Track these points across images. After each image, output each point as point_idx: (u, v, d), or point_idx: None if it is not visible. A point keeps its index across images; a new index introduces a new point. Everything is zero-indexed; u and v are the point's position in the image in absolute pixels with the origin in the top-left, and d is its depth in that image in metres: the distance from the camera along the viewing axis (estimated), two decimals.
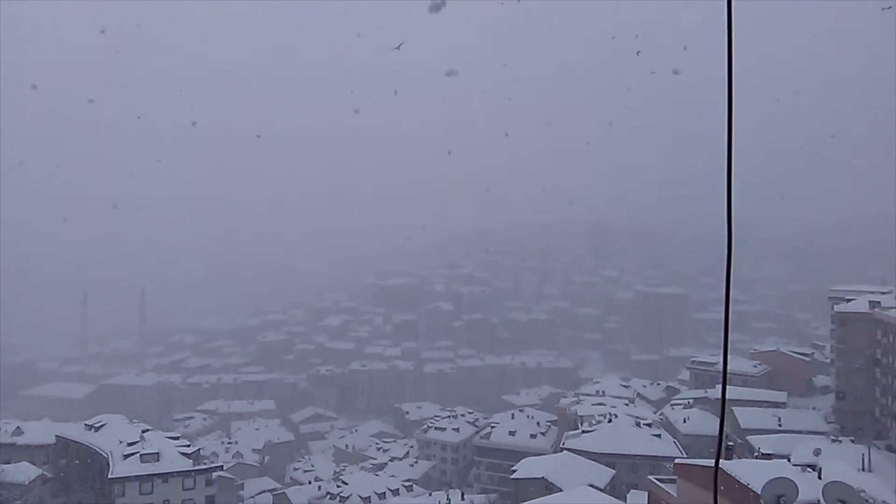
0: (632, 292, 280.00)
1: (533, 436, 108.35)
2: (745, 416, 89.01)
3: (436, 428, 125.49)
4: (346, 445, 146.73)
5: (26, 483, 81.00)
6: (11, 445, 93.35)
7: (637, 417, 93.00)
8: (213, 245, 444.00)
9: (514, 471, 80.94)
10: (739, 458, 66.59)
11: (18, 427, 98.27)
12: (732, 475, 43.54)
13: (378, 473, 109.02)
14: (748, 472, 44.28)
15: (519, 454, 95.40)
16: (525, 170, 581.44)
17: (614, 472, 78.41)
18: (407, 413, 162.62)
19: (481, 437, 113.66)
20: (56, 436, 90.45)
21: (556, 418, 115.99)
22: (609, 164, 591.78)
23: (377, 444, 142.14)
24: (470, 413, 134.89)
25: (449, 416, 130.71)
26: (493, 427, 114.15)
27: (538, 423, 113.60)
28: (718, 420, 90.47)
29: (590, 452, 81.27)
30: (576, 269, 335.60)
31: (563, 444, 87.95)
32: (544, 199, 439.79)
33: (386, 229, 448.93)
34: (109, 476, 73.70)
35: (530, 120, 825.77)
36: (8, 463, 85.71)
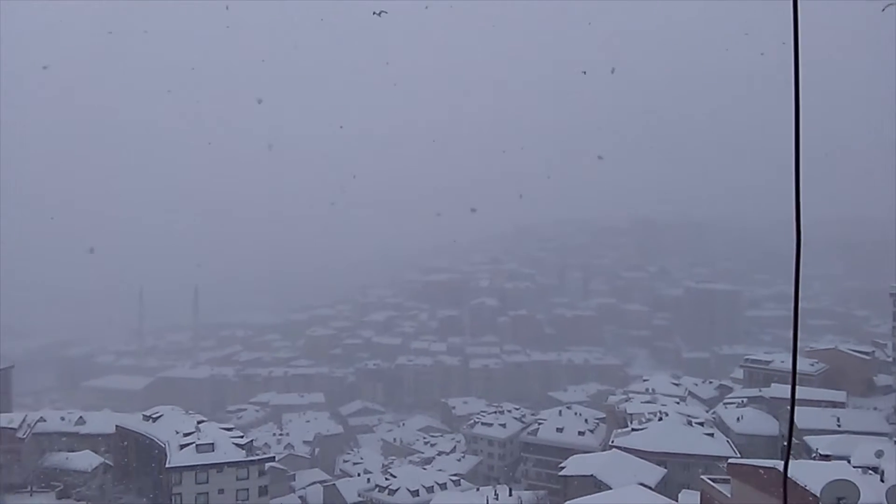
0: (681, 289, 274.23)
1: (581, 433, 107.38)
2: (802, 416, 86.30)
3: (482, 423, 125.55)
4: (394, 439, 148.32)
5: (89, 470, 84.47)
6: (75, 434, 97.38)
7: (689, 416, 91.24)
8: (262, 242, 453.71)
9: (563, 467, 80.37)
10: (796, 458, 64.80)
11: (81, 417, 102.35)
12: (790, 476, 42.40)
13: (426, 467, 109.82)
14: (806, 473, 43.04)
15: (567, 451, 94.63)
16: (567, 167, 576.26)
17: (665, 471, 77.11)
18: (453, 408, 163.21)
19: (528, 434, 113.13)
20: (116, 426, 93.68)
21: (604, 416, 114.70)
22: (653, 159, 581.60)
23: (424, 438, 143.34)
24: (516, 409, 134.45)
25: (495, 412, 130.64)
26: (540, 423, 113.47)
27: (586, 420, 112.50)
28: (776, 420, 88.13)
29: (640, 451, 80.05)
30: (622, 265, 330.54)
31: (612, 441, 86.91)
32: (587, 196, 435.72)
33: (429, 226, 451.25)
34: (167, 465, 76.13)
35: (573, 116, 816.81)
36: (72, 451, 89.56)
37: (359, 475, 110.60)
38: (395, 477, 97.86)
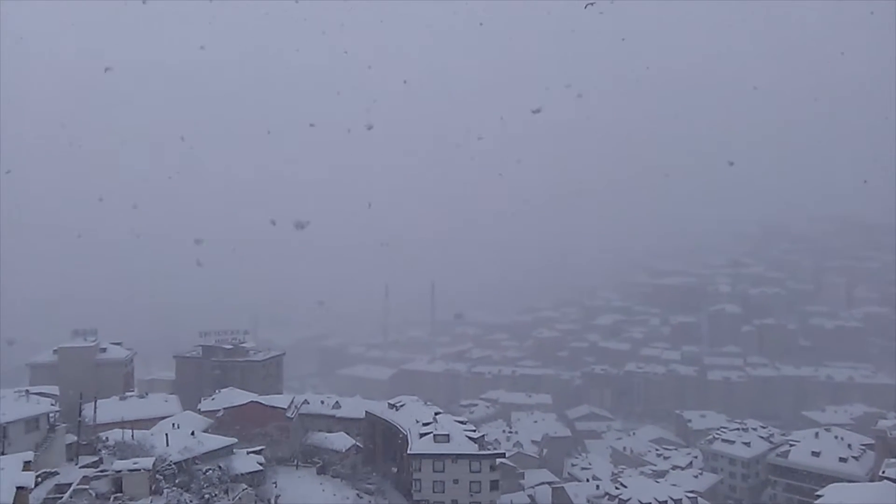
0: None
1: (843, 459, 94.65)
2: None
3: (723, 440, 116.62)
4: (624, 448, 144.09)
5: (343, 451, 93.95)
6: (332, 417, 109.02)
7: None
8: (490, 241, 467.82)
9: (820, 496, 71.15)
10: None
11: (337, 402, 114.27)
12: None
13: (658, 480, 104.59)
14: None
15: (824, 478, 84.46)
16: (822, 157, 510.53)
17: None
18: (689, 421, 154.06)
19: (777, 455, 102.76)
20: (366, 411, 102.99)
21: (871, 442, 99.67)
22: None
23: (657, 449, 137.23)
24: (763, 427, 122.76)
25: (738, 429, 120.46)
26: (791, 445, 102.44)
27: (849, 445, 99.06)
28: None
29: None
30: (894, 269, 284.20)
31: (884, 471, 74.84)
32: (847, 190, 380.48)
33: (658, 226, 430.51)
34: (408, 451, 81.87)
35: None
36: (329, 432, 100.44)
37: (587, 480, 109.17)
38: (625, 487, 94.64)
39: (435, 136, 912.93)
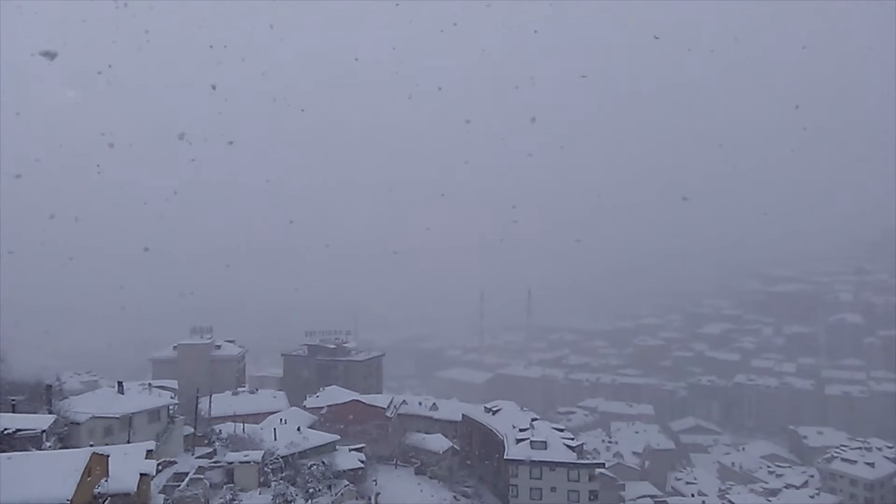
0: None
1: None
2: None
3: (843, 459, 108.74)
4: (732, 463, 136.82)
5: (440, 452, 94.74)
6: (429, 418, 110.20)
7: None
8: (590, 248, 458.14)
9: None
10: None
11: (434, 403, 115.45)
12: None
13: (770, 499, 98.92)
14: None
15: None
16: None
17: None
18: (805, 437, 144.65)
19: None
20: (462, 414, 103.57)
21: None
22: None
23: (768, 466, 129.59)
24: (888, 447, 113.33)
25: (861, 448, 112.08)
26: None
27: None
28: None
29: None
30: None
31: None
32: None
33: (770, 230, 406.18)
34: (505, 456, 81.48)
35: None
36: (427, 433, 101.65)
37: (692, 496, 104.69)
38: None
39: (530, 135, 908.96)
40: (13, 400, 48.53)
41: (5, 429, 39.66)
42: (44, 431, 41.75)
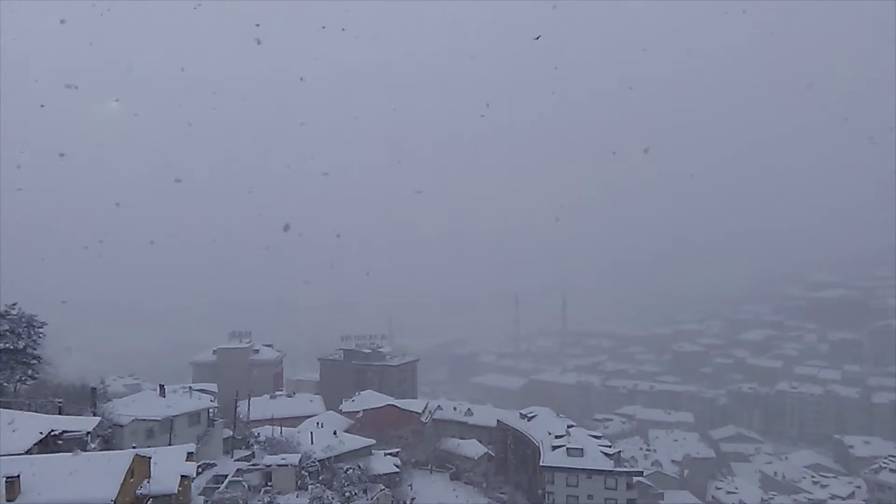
0: None
1: None
2: None
3: (891, 469, 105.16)
4: (775, 473, 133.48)
5: (475, 458, 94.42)
6: (464, 424, 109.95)
7: None
8: (624, 252, 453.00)
9: None
10: None
11: (469, 409, 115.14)
12: None
13: None
14: None
15: None
16: None
17: None
18: (851, 447, 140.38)
19: None
20: (497, 420, 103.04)
21: None
22: None
23: (812, 476, 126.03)
24: None
25: None
26: None
27: None
28: None
29: None
30: None
31: None
32: None
33: (812, 235, 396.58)
34: (541, 463, 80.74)
35: None
36: (462, 439, 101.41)
37: None
38: None
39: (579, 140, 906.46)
40: (59, 402, 49.93)
41: (52, 430, 40.78)
42: (89, 433, 42.82)
